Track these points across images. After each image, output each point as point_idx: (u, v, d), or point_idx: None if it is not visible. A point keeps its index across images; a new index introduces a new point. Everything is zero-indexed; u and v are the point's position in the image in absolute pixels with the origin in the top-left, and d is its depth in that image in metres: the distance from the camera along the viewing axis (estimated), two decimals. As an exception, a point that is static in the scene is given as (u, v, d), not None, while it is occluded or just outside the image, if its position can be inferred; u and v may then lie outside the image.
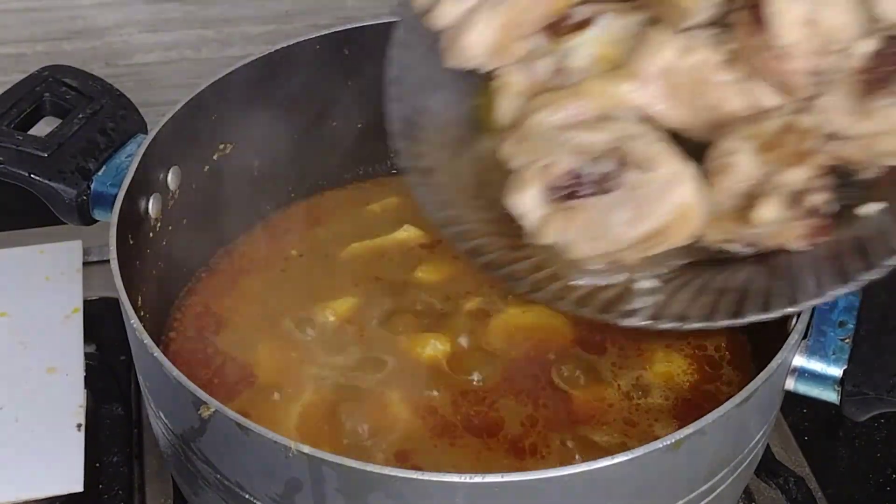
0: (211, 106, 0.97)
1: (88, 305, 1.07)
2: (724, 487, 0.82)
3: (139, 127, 0.96)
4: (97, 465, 0.99)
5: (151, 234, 0.94)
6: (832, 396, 0.83)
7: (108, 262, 0.84)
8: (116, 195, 0.88)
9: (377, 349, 0.94)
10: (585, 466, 0.72)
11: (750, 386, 0.77)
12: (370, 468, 0.71)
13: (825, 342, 0.83)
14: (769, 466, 0.99)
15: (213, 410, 0.75)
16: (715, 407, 0.75)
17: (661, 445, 0.73)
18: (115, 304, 0.84)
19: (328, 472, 0.73)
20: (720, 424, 0.76)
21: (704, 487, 0.80)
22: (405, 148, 0.88)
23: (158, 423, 0.86)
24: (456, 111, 0.88)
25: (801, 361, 0.82)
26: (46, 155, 0.91)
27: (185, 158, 0.97)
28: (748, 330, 0.95)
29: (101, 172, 0.92)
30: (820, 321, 0.83)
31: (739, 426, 0.80)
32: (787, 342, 0.80)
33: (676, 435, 0.73)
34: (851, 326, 0.83)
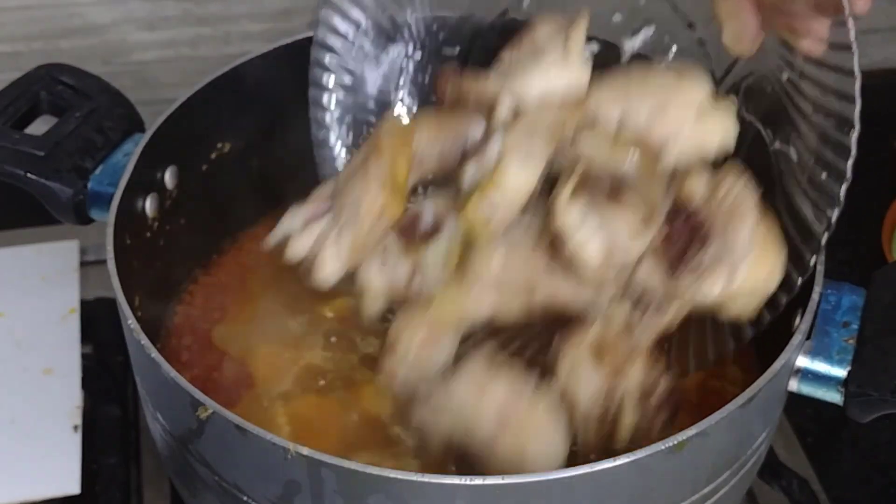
0: (209, 104, 0.97)
1: (85, 306, 1.07)
2: (726, 489, 0.82)
3: (136, 125, 0.96)
4: (94, 466, 0.99)
5: (149, 233, 0.93)
6: (836, 397, 0.82)
7: (105, 261, 0.84)
8: (113, 194, 0.88)
9: (377, 347, 0.94)
10: (587, 468, 0.71)
11: (753, 387, 0.77)
12: (370, 470, 0.71)
13: (829, 343, 0.82)
14: (772, 468, 0.99)
15: (210, 412, 0.75)
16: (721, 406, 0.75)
17: (663, 447, 0.73)
18: (112, 304, 0.84)
19: (327, 473, 0.72)
20: (723, 426, 0.75)
21: (707, 489, 0.80)
22: None
23: (156, 424, 0.86)
24: None
25: (804, 362, 0.82)
26: (43, 154, 0.91)
27: (182, 157, 0.96)
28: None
29: (98, 171, 0.92)
30: (824, 322, 0.83)
31: (742, 427, 0.79)
32: (790, 343, 0.80)
33: (679, 436, 0.73)
34: (855, 327, 0.83)
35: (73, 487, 0.94)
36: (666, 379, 0.80)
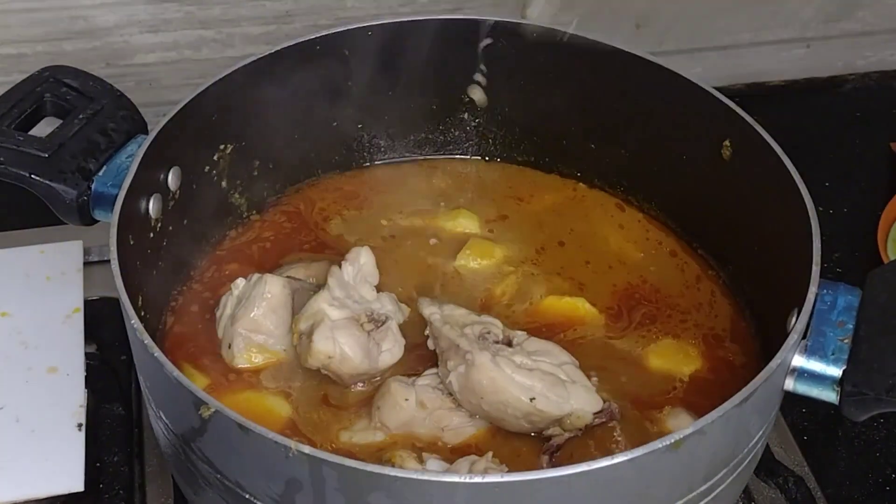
0: (211, 106, 0.97)
1: (89, 305, 1.07)
2: (723, 487, 0.82)
3: (140, 127, 0.96)
4: (98, 464, 0.99)
5: (152, 234, 0.94)
6: (831, 396, 0.83)
7: (108, 262, 0.84)
8: (117, 195, 0.88)
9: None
10: (585, 466, 0.72)
11: (749, 386, 0.77)
12: (370, 468, 0.72)
13: (824, 342, 0.83)
14: (769, 466, 1.00)
15: (213, 410, 0.75)
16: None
17: (660, 445, 0.73)
18: (115, 304, 0.84)
19: (328, 472, 0.73)
20: (720, 424, 0.76)
21: (704, 487, 0.80)
22: None
23: (159, 422, 0.86)
24: None
25: (800, 362, 0.82)
26: (47, 155, 0.91)
27: (185, 159, 0.97)
28: (757, 332, 0.97)
29: (101, 173, 0.93)
30: (819, 321, 0.83)
31: (739, 426, 0.80)
32: (786, 342, 0.80)
33: (676, 435, 0.73)
34: (851, 327, 0.83)
35: (76, 485, 0.94)
36: None
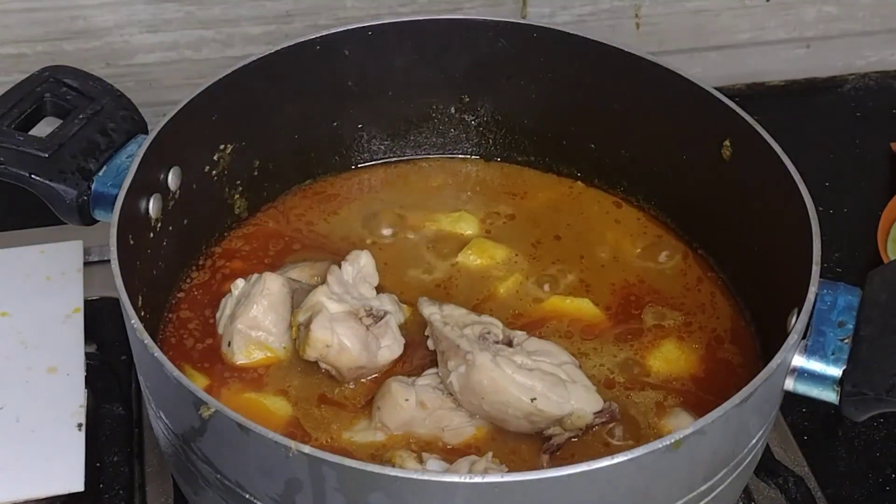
0: (211, 106, 0.97)
1: (89, 305, 1.07)
2: (723, 487, 0.82)
3: (140, 127, 0.96)
4: (98, 464, 0.99)
5: (152, 234, 0.94)
6: (831, 396, 0.83)
7: (108, 262, 0.84)
8: (117, 195, 0.88)
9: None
10: (585, 466, 0.72)
11: (749, 386, 0.77)
12: (370, 468, 0.72)
13: (824, 342, 0.83)
14: (769, 466, 0.99)
15: (213, 410, 0.75)
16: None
17: (660, 445, 0.73)
18: (115, 304, 0.84)
19: (328, 472, 0.73)
20: (720, 424, 0.76)
21: (704, 487, 0.80)
22: None
23: (159, 423, 0.86)
24: None
25: (800, 361, 0.82)
26: (47, 155, 0.91)
27: (185, 159, 0.97)
28: (757, 332, 0.97)
29: (101, 173, 0.93)
30: (819, 321, 0.83)
31: (739, 426, 0.80)
32: (786, 342, 0.80)
33: (676, 435, 0.74)
34: (851, 327, 0.83)
35: (76, 485, 0.94)
36: None
